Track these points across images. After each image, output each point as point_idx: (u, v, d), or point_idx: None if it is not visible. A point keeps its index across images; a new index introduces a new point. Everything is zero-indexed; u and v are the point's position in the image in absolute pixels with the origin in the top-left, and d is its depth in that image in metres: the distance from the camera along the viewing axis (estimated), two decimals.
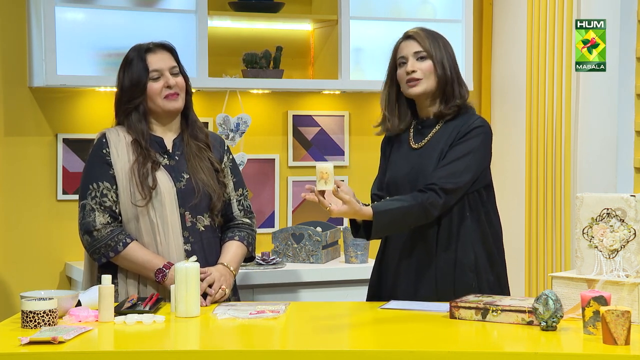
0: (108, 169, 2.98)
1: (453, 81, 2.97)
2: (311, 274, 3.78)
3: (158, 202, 2.96)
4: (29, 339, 2.34)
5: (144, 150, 2.97)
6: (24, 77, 3.90)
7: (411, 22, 4.31)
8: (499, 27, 4.56)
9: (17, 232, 3.92)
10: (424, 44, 2.97)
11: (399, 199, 2.86)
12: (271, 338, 2.56)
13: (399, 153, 3.04)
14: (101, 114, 4.02)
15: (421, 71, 2.95)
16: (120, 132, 3.02)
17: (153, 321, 2.59)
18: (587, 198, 2.70)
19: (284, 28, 4.26)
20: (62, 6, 3.75)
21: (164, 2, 3.99)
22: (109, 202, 2.96)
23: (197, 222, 3.01)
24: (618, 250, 2.64)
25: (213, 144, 3.11)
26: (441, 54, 2.97)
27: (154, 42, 3.07)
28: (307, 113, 4.31)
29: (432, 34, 3.02)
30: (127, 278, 2.96)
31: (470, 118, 2.98)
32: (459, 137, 2.93)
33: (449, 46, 3.02)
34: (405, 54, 2.99)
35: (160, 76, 3.00)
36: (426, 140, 2.99)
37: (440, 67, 2.96)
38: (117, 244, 2.92)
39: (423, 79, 2.96)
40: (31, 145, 3.93)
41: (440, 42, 3.00)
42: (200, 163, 3.03)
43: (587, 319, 2.42)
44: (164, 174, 2.99)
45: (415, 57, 2.97)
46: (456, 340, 2.50)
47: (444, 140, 2.95)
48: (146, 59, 3.00)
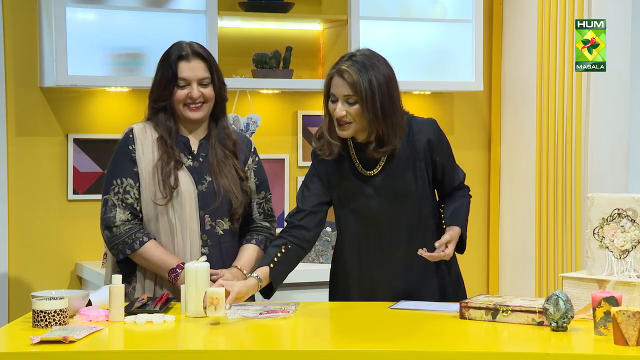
0: (132, 165, 2.97)
1: (386, 123, 2.82)
2: (321, 274, 3.78)
3: (178, 203, 2.95)
4: (39, 338, 2.34)
5: (168, 148, 2.96)
6: (35, 78, 3.92)
7: (421, 22, 4.32)
8: (509, 27, 4.55)
9: (28, 232, 3.94)
10: (354, 87, 2.78)
11: (455, 200, 2.98)
12: (281, 338, 2.56)
13: (350, 180, 2.93)
14: (112, 114, 4.03)
15: (351, 116, 2.83)
16: (148, 128, 3.01)
17: (163, 321, 2.60)
18: (597, 198, 2.69)
19: (294, 28, 4.26)
20: (72, 7, 3.76)
21: (174, 2, 3.99)
22: (131, 200, 2.95)
23: (216, 226, 2.99)
24: (629, 251, 2.64)
25: (240, 148, 3.07)
26: (372, 95, 2.78)
27: (192, 47, 2.98)
28: (316, 113, 4.31)
29: (365, 67, 2.80)
30: (145, 278, 2.96)
31: (417, 125, 2.92)
32: (437, 144, 2.92)
33: (384, 78, 2.81)
34: (335, 92, 2.83)
35: (186, 85, 2.96)
36: (380, 166, 2.91)
37: (370, 112, 2.80)
38: (134, 242, 2.92)
39: (353, 122, 2.84)
40: (42, 146, 3.94)
41: (374, 78, 2.79)
42: (224, 168, 2.99)
43: (598, 320, 2.42)
44: (186, 175, 2.97)
45: (344, 99, 2.82)
46: (466, 340, 2.49)
47: (410, 161, 2.90)
48: (178, 65, 2.96)
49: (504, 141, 4.63)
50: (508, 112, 4.60)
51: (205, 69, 2.98)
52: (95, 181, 3.99)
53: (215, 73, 3.00)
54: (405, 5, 4.30)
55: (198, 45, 3.02)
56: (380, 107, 2.81)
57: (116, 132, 4.02)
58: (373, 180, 2.92)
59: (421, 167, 2.92)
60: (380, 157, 2.90)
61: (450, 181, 3.01)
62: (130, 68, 3.91)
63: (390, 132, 2.85)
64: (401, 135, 2.87)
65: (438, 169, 2.96)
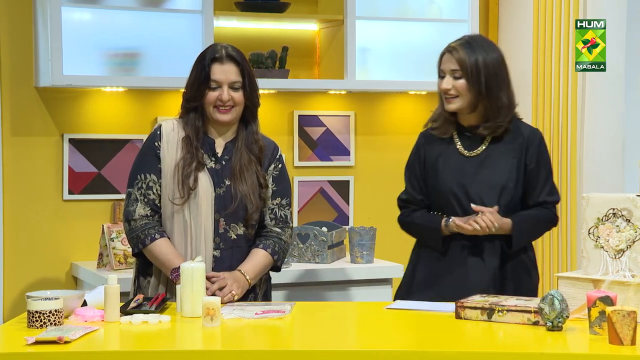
0: (157, 161, 2.99)
1: (492, 98, 2.98)
2: (317, 274, 3.78)
3: (195, 204, 2.95)
4: (35, 338, 2.34)
5: (192, 148, 2.96)
6: (30, 77, 3.91)
7: (417, 22, 4.32)
8: (504, 27, 4.55)
9: (23, 232, 3.93)
10: (461, 62, 2.98)
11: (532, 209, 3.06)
12: (277, 338, 2.56)
13: (448, 160, 3.05)
14: (107, 113, 4.03)
15: (456, 89, 2.99)
16: (177, 126, 3.02)
17: (159, 321, 2.59)
18: (593, 198, 2.70)
19: (290, 28, 4.26)
20: (68, 6, 3.76)
21: (170, 2, 3.99)
22: (153, 196, 2.97)
23: (229, 230, 2.98)
24: (624, 251, 2.64)
25: (265, 154, 3.05)
26: (477, 72, 2.96)
27: (227, 50, 2.99)
28: (312, 113, 4.31)
29: (473, 48, 2.99)
30: (162, 275, 2.97)
31: (524, 127, 3.06)
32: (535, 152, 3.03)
33: (492, 60, 2.99)
34: (444, 68, 3.03)
35: (218, 87, 2.96)
36: (480, 149, 3.03)
37: (475, 87, 2.97)
38: (146, 237, 2.93)
39: (458, 96, 2.99)
40: (37, 145, 3.94)
41: (481, 57, 2.98)
42: (245, 173, 2.98)
43: (593, 319, 2.42)
44: (206, 177, 2.97)
45: (451, 74, 3.00)
46: (462, 340, 2.49)
47: (509, 154, 3.01)
48: (211, 67, 2.97)
49: None
50: None
51: (237, 73, 2.98)
52: (91, 181, 3.99)
53: (247, 77, 3.00)
54: (401, 5, 4.30)
55: (233, 48, 3.02)
56: (485, 84, 2.96)
57: (112, 132, 4.02)
58: (469, 163, 3.02)
59: (514, 164, 3.01)
60: (486, 134, 3.01)
61: (535, 193, 3.05)
62: (126, 68, 3.91)
63: (494, 109, 2.99)
64: (508, 114, 3.00)
65: (527, 174, 3.03)
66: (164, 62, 3.90)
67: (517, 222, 3.00)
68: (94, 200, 3.99)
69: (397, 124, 4.42)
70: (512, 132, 3.04)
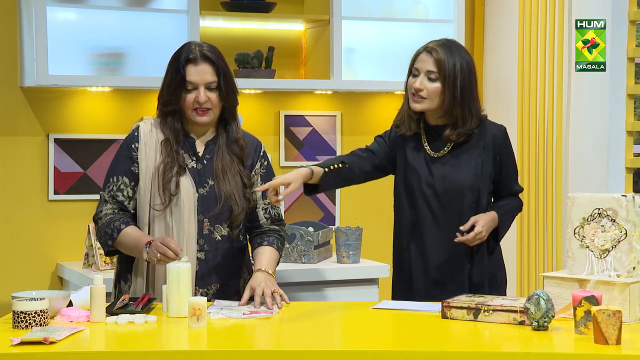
0: (131, 164, 2.94)
1: (463, 106, 2.97)
2: (303, 274, 3.78)
3: (177, 207, 2.90)
4: (20, 339, 2.33)
5: (173, 152, 2.91)
6: (15, 77, 3.89)
7: (403, 22, 4.33)
8: (490, 27, 4.56)
9: (9, 232, 3.91)
10: (439, 64, 2.95)
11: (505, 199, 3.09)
12: (264, 338, 2.56)
13: (415, 158, 3.05)
14: (93, 114, 4.01)
15: (427, 91, 2.97)
16: (155, 127, 2.97)
17: (145, 321, 2.59)
18: (578, 198, 2.71)
19: (276, 28, 4.25)
20: (53, 6, 3.74)
21: (155, 2, 3.98)
22: (122, 197, 2.93)
23: (214, 231, 2.94)
24: (609, 250, 2.65)
25: (248, 152, 3.01)
26: (454, 77, 2.94)
27: (202, 50, 2.92)
28: (299, 113, 4.31)
29: (452, 51, 2.97)
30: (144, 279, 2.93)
31: (489, 125, 3.07)
32: (503, 146, 3.06)
33: (468, 66, 2.98)
34: (419, 67, 3.00)
35: (194, 89, 2.91)
36: (446, 150, 3.03)
37: (450, 92, 2.96)
38: (113, 231, 2.88)
39: (427, 98, 2.98)
40: (22, 145, 3.92)
41: (459, 62, 2.96)
42: (228, 173, 2.94)
43: (578, 319, 2.43)
44: (187, 179, 2.92)
45: (426, 75, 2.97)
46: (448, 340, 2.50)
47: (476, 153, 3.01)
48: (186, 68, 2.90)
49: None
50: (489, 111, 4.59)
51: (212, 73, 2.92)
52: (77, 181, 3.98)
53: (223, 77, 2.93)
54: (387, 5, 4.31)
55: (208, 47, 2.95)
56: (460, 90, 2.95)
57: (97, 132, 4.01)
58: (437, 164, 3.02)
59: (480, 161, 3.01)
60: (454, 140, 3.00)
61: (507, 185, 3.09)
62: (112, 68, 3.90)
63: (466, 115, 2.97)
64: (476, 121, 2.99)
65: (497, 167, 3.04)
66: (149, 62, 3.89)
67: (500, 214, 3.03)
68: (79, 200, 3.97)
69: (383, 124, 4.39)
70: (479, 130, 3.04)
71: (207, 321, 2.55)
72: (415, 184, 3.04)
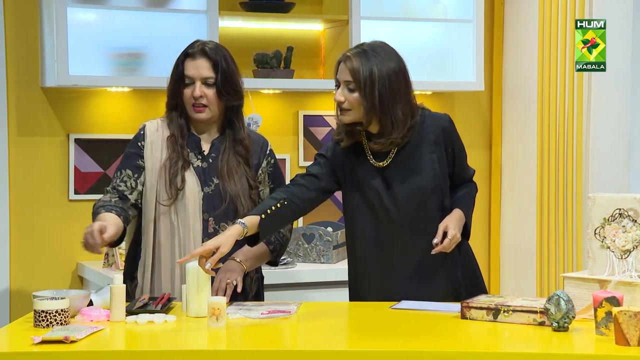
0: (137, 159, 2.96)
1: (384, 114, 2.80)
2: (322, 274, 3.78)
3: (182, 205, 2.91)
4: (41, 338, 2.34)
5: (178, 147, 2.93)
6: (36, 78, 3.92)
7: (422, 22, 4.32)
8: (510, 27, 4.55)
9: (30, 232, 3.94)
10: (354, 74, 2.78)
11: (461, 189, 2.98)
12: (282, 338, 2.56)
13: (365, 172, 2.90)
14: (113, 114, 4.03)
15: (349, 102, 2.82)
16: (161, 125, 2.99)
17: (164, 321, 2.60)
18: (599, 198, 2.69)
19: (295, 28, 4.26)
20: (73, 7, 3.76)
21: (175, 2, 4.00)
22: (123, 187, 2.94)
23: (219, 230, 2.93)
24: (630, 251, 2.63)
25: (254, 150, 3.00)
26: (371, 85, 2.77)
27: (203, 46, 2.94)
28: (317, 113, 4.31)
29: (368, 58, 2.79)
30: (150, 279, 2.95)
31: (433, 117, 2.92)
32: (452, 136, 2.93)
33: (388, 71, 2.79)
34: (339, 78, 2.84)
35: (191, 83, 2.93)
36: (390, 158, 2.88)
37: (368, 101, 2.78)
38: (93, 216, 2.89)
39: (352, 109, 2.83)
40: (43, 146, 3.94)
41: (377, 68, 2.78)
42: (234, 174, 2.94)
43: (599, 320, 2.42)
44: (192, 176, 2.94)
45: (345, 86, 2.82)
46: (467, 340, 2.49)
47: (425, 151, 2.87)
48: (184, 63, 2.94)
49: (505, 141, 4.62)
50: (509, 112, 4.60)
51: (210, 68, 2.93)
52: (97, 181, 3.99)
53: (222, 73, 2.92)
54: (406, 5, 4.30)
55: (213, 45, 2.97)
56: (379, 98, 2.79)
57: (117, 132, 4.03)
58: (384, 173, 2.89)
59: (435, 159, 2.89)
60: (380, 149, 2.87)
61: (461, 174, 2.99)
62: (131, 68, 3.92)
63: (387, 124, 2.82)
64: (402, 130, 2.83)
65: (450, 159, 2.93)
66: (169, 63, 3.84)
67: (464, 208, 2.92)
68: None
69: None
70: (420, 127, 2.88)
71: (226, 321, 2.56)
72: (375, 198, 2.87)
